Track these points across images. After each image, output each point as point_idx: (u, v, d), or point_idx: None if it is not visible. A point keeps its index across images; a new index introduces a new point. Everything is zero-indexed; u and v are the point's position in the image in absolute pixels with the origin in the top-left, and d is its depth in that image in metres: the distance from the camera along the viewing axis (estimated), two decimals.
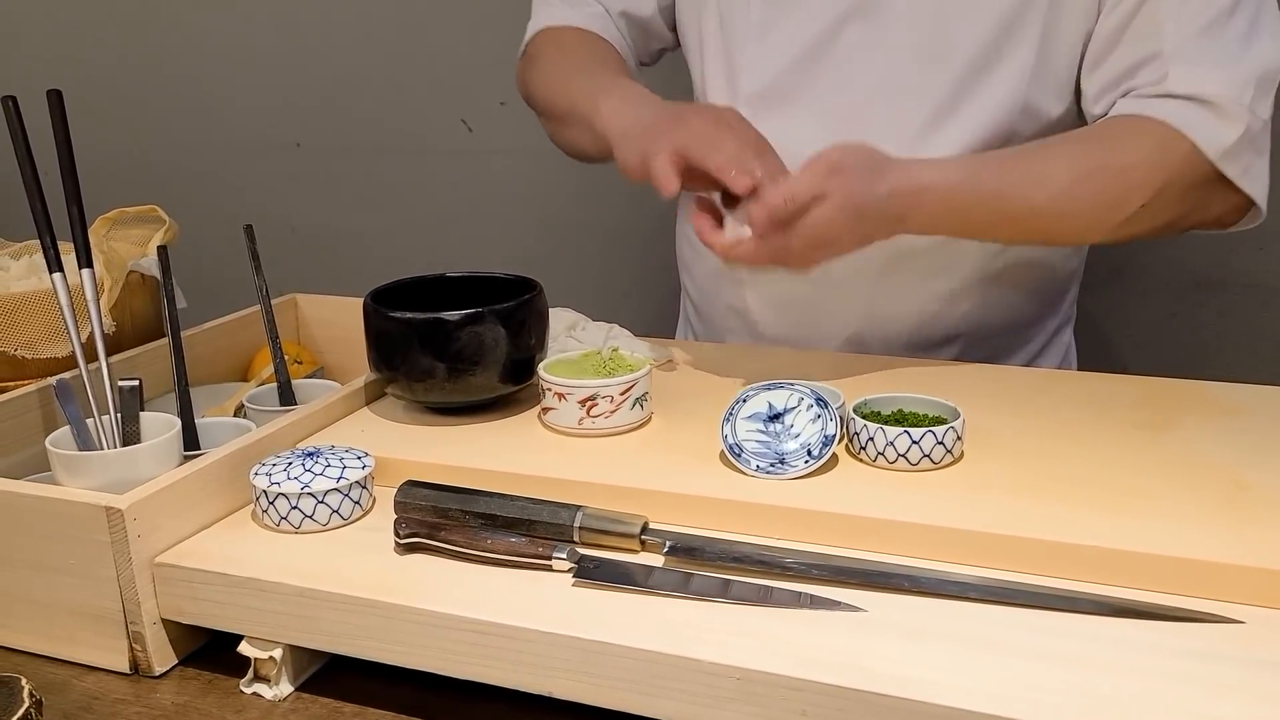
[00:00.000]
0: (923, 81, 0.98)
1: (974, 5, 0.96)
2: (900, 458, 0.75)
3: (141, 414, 0.84)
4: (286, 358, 1.05)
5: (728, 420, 0.78)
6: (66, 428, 0.81)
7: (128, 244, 1.08)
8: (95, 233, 1.04)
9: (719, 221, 0.88)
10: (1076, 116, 1.01)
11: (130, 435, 0.82)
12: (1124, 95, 0.94)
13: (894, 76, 0.99)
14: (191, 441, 0.87)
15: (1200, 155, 0.90)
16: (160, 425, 0.83)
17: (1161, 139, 0.91)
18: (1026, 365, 1.12)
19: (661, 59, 1.23)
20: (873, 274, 1.03)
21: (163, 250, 0.98)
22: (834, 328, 1.07)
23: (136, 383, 0.83)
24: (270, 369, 1.01)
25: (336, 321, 1.14)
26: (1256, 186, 0.93)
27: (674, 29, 1.17)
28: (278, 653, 0.68)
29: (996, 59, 0.96)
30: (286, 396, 0.96)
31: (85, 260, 0.88)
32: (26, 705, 0.62)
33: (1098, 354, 1.61)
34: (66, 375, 0.87)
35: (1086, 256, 1.18)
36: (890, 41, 0.99)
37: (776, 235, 0.84)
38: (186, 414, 0.89)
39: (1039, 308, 1.11)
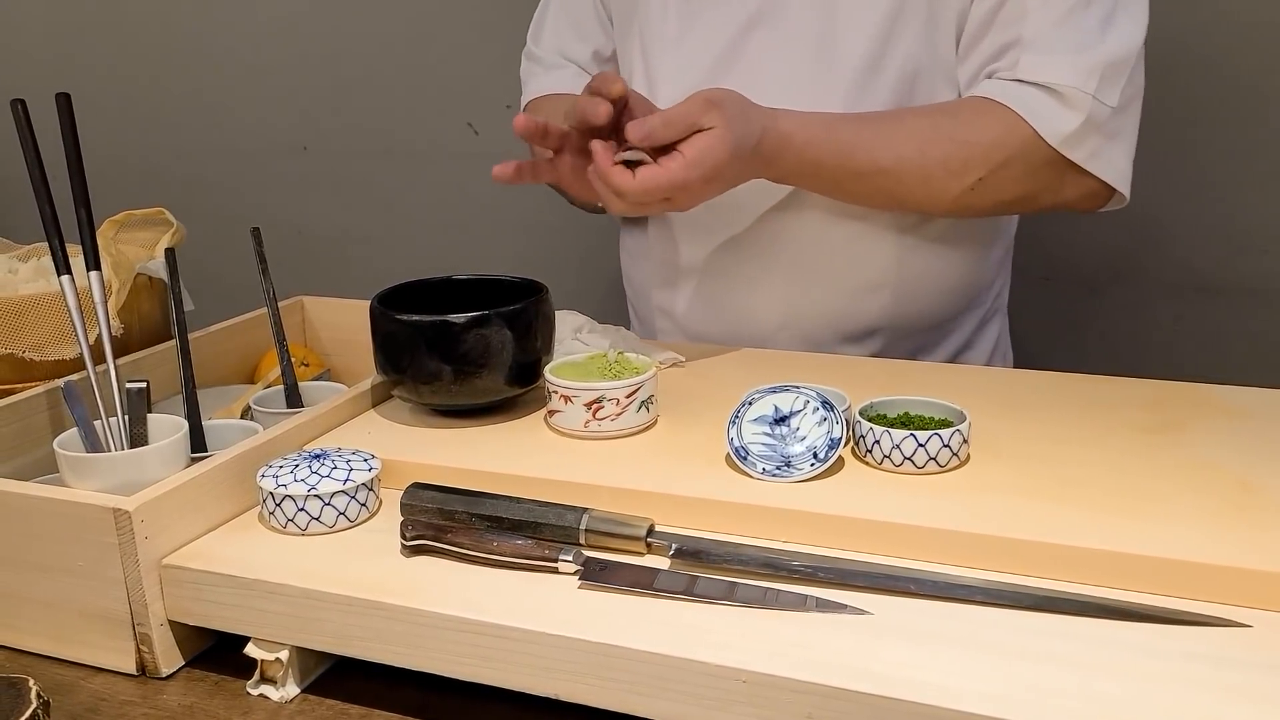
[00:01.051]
0: (822, 81, 1.03)
1: (859, 8, 1.01)
2: (906, 461, 0.75)
3: (149, 416, 0.84)
4: (293, 360, 1.05)
5: (733, 423, 0.78)
6: (74, 430, 0.82)
7: (135, 246, 1.08)
8: (103, 235, 1.05)
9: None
10: None
11: (138, 437, 0.83)
12: (986, 77, 1.00)
13: (796, 78, 1.04)
14: (199, 443, 0.88)
15: (1040, 139, 0.95)
16: (167, 427, 0.83)
17: (1005, 121, 0.96)
18: (953, 359, 1.15)
19: None
20: (789, 270, 1.08)
21: (170, 253, 0.98)
22: (757, 325, 1.11)
23: (144, 385, 0.83)
24: (277, 371, 1.01)
25: (343, 324, 1.14)
26: (1109, 170, 0.97)
27: None
28: (284, 654, 0.68)
29: (886, 53, 1.01)
30: (293, 399, 0.96)
31: (93, 263, 0.88)
32: (34, 706, 0.62)
33: (1103, 357, 1.61)
34: (74, 377, 0.88)
35: (1013, 250, 1.21)
36: (790, 45, 1.04)
37: (670, 165, 0.88)
38: (194, 416, 0.89)
39: (960, 301, 1.14)
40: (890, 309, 1.09)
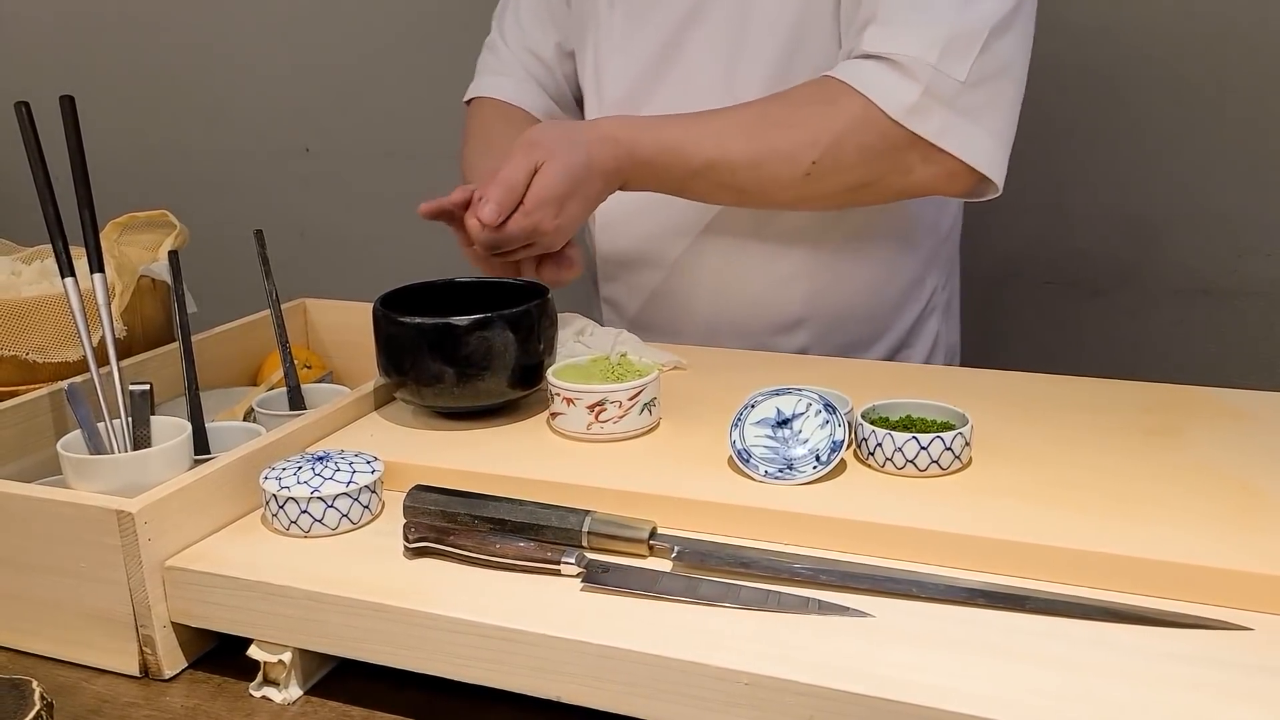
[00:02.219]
0: (746, 77, 1.05)
1: (771, 4, 1.02)
2: (909, 464, 0.75)
3: (152, 418, 0.84)
4: (296, 362, 1.05)
5: (736, 425, 0.78)
6: (78, 432, 0.82)
7: (139, 249, 1.08)
8: (106, 237, 1.05)
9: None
10: None
11: (141, 439, 0.83)
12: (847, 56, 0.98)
13: (720, 76, 1.06)
14: (202, 446, 0.88)
15: (877, 112, 0.92)
16: (171, 429, 0.83)
17: (834, 96, 0.94)
18: (891, 357, 1.14)
19: None
20: (714, 262, 1.11)
21: (174, 255, 0.98)
22: (690, 315, 1.14)
23: (147, 387, 0.83)
24: (280, 373, 1.01)
25: (346, 326, 1.14)
26: (968, 150, 0.93)
27: None
28: (287, 656, 0.68)
29: (801, 45, 1.03)
30: (296, 401, 0.96)
31: (97, 265, 0.89)
32: (37, 708, 0.62)
33: (1105, 360, 1.61)
34: (78, 379, 0.88)
35: (947, 243, 1.19)
36: (720, 42, 1.06)
37: (518, 213, 0.91)
38: (197, 418, 0.89)
39: (888, 297, 1.13)
40: (810, 299, 1.11)
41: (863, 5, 0.97)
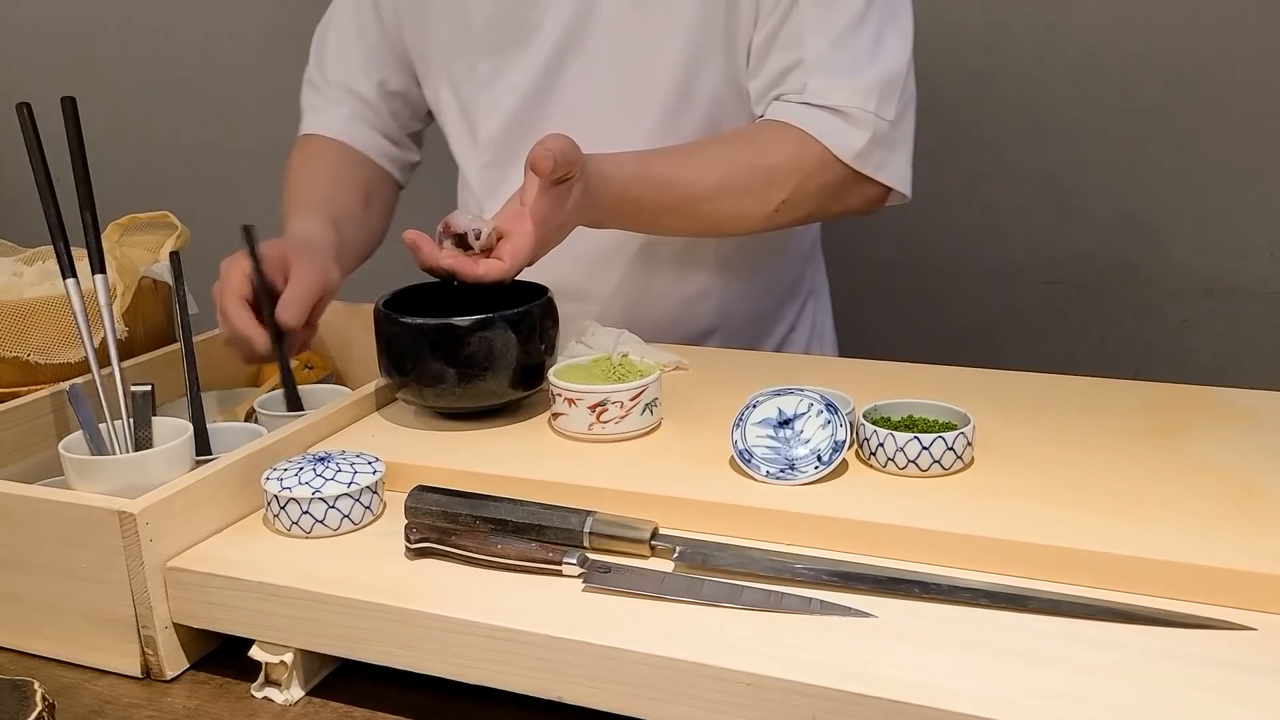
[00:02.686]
0: (635, 112, 1.08)
1: (658, 41, 1.05)
2: (910, 464, 0.75)
3: (154, 419, 0.84)
4: (297, 363, 1.05)
5: (738, 426, 0.78)
6: (79, 432, 0.82)
7: (140, 250, 1.08)
8: (108, 238, 1.05)
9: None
10: None
11: (142, 440, 0.83)
12: (775, 99, 1.05)
13: (612, 105, 1.08)
14: (203, 446, 0.88)
15: (833, 157, 1.02)
16: (172, 430, 0.83)
17: (800, 143, 1.02)
18: (779, 347, 1.22)
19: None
20: (628, 287, 1.14)
21: (175, 256, 0.98)
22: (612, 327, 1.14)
23: (149, 388, 0.83)
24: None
25: (348, 327, 1.14)
26: (894, 176, 1.06)
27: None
28: (288, 657, 0.68)
29: (693, 85, 1.06)
30: (293, 402, 0.96)
31: (98, 266, 0.89)
32: (39, 709, 0.62)
33: (1108, 361, 1.61)
34: (79, 380, 0.88)
35: (821, 239, 1.30)
36: (602, 73, 1.08)
37: (531, 228, 0.88)
38: (198, 419, 0.89)
39: (779, 294, 1.23)
40: (720, 310, 1.17)
41: (776, 51, 1.04)
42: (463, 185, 1.24)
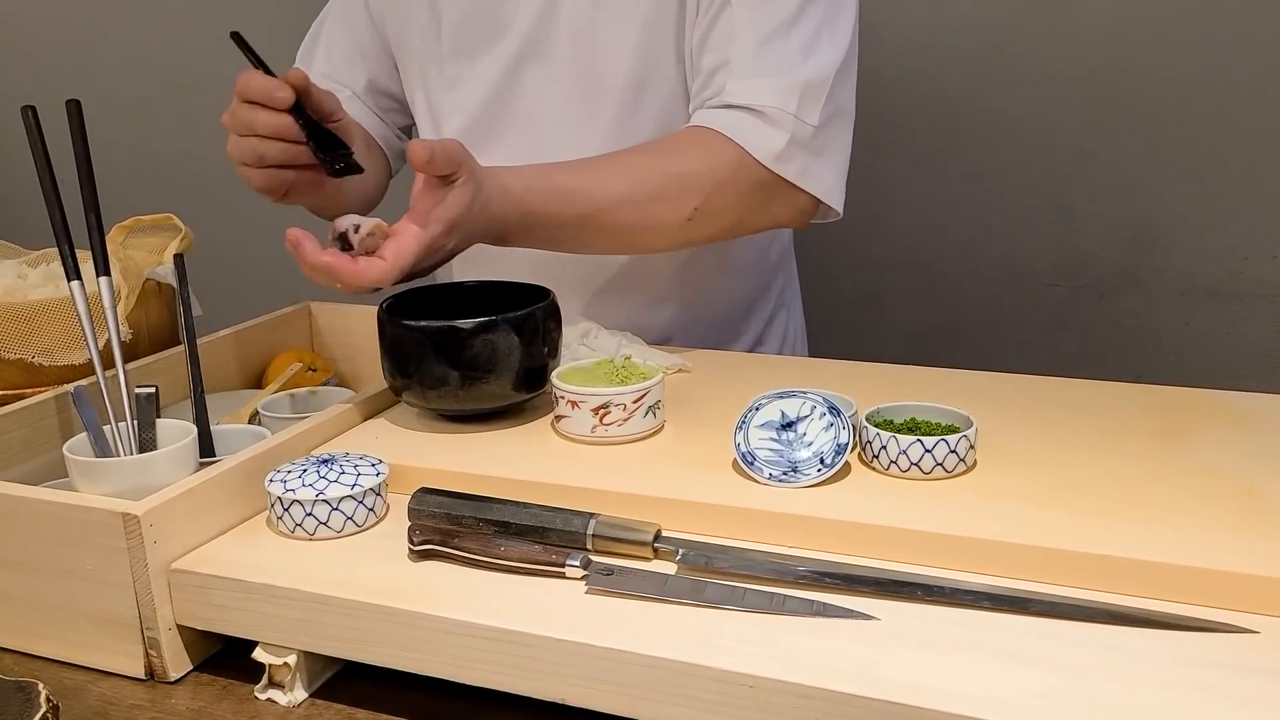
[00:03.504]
0: (590, 114, 1.07)
1: (615, 39, 1.04)
2: (913, 466, 0.75)
3: (158, 421, 0.84)
4: (301, 365, 1.05)
5: (740, 428, 0.78)
6: (84, 434, 0.82)
7: (144, 252, 1.09)
8: (112, 241, 1.05)
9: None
10: None
11: (147, 442, 0.83)
12: (701, 105, 1.02)
13: (567, 111, 1.08)
14: (207, 448, 0.88)
15: (751, 160, 0.98)
16: (176, 432, 0.83)
17: (713, 146, 0.99)
18: (749, 352, 1.21)
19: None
20: (583, 292, 1.13)
21: (179, 258, 0.98)
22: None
23: (153, 390, 0.83)
24: (286, 375, 1.01)
25: (351, 329, 1.14)
26: (820, 185, 1.01)
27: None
28: (292, 659, 0.68)
29: (645, 80, 1.05)
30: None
31: (103, 268, 0.89)
32: (43, 710, 0.62)
33: (1112, 363, 1.61)
34: (83, 382, 0.88)
35: (793, 245, 1.29)
36: (559, 80, 1.08)
37: (414, 227, 0.86)
38: (202, 421, 0.89)
39: (744, 304, 1.21)
40: (677, 318, 1.16)
41: (708, 53, 1.02)
42: None
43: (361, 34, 1.20)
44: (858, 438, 0.79)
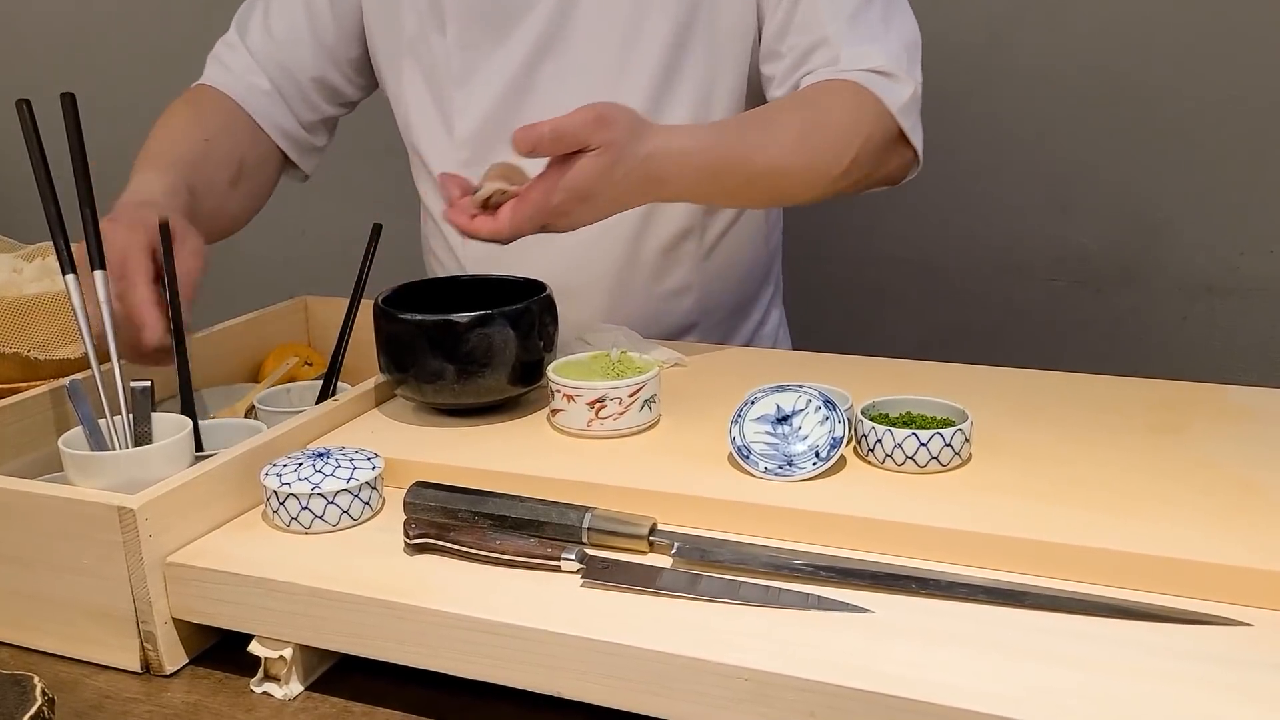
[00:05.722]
0: (618, 100, 1.05)
1: (644, 26, 1.05)
2: (908, 460, 0.75)
3: (154, 415, 0.84)
4: (297, 360, 1.05)
5: (736, 422, 0.78)
6: (79, 428, 0.82)
7: None
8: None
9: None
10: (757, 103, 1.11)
11: (142, 436, 0.83)
12: (804, 75, 1.05)
13: (593, 99, 1.04)
14: (197, 443, 0.88)
15: (887, 113, 1.02)
16: (172, 426, 0.83)
17: (860, 99, 1.02)
18: (750, 340, 1.25)
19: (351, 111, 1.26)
20: (607, 283, 1.14)
21: (169, 253, 0.98)
22: (580, 324, 1.12)
23: (148, 384, 0.83)
24: (282, 369, 1.01)
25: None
26: (920, 142, 1.06)
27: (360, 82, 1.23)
28: (288, 652, 0.68)
29: (676, 69, 1.07)
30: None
31: (98, 262, 0.89)
32: (39, 704, 0.62)
33: (1110, 358, 1.61)
34: (79, 376, 0.88)
35: (783, 236, 1.31)
36: (581, 70, 1.08)
37: (537, 192, 0.87)
38: (188, 413, 0.88)
39: (754, 286, 1.25)
40: (697, 307, 1.18)
41: (794, 34, 1.05)
42: (422, 179, 1.22)
43: (319, 17, 1.16)
44: (853, 431, 0.79)
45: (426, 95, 1.15)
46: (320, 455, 0.77)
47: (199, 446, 0.87)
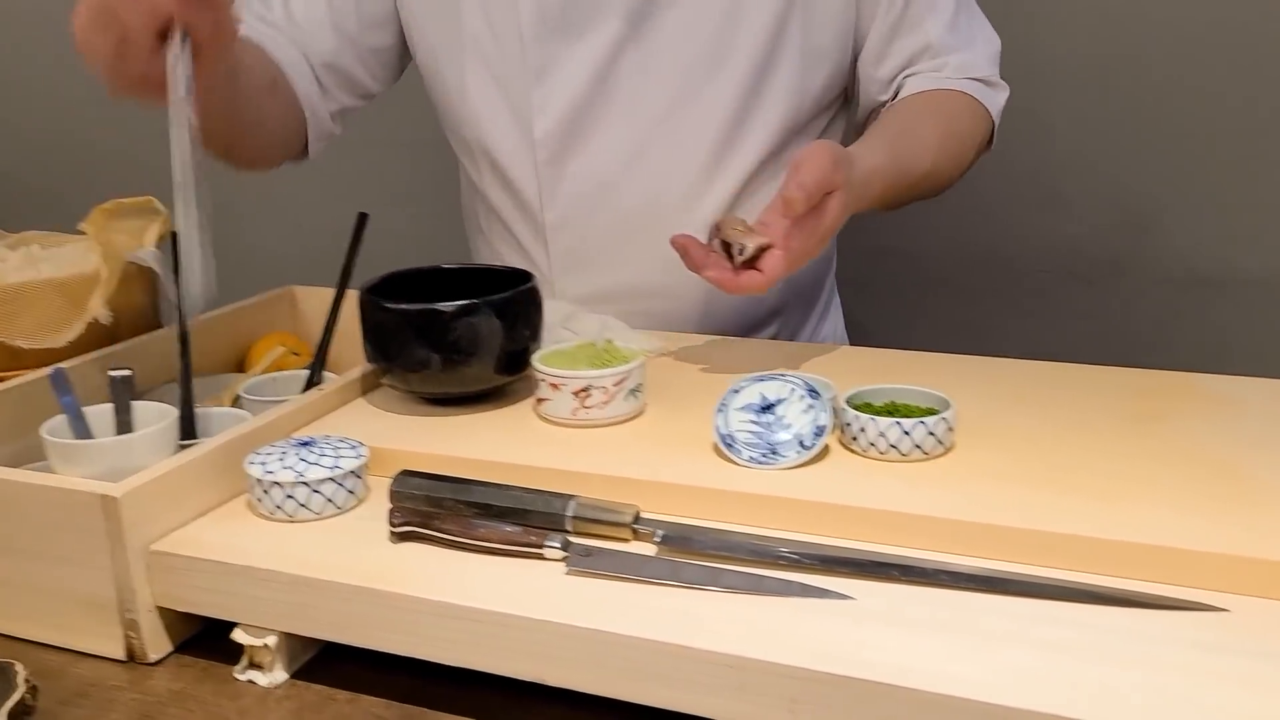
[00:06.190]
0: (708, 93, 1.07)
1: (743, 13, 1.05)
2: (891, 448, 0.76)
3: (139, 403, 0.84)
4: (284, 349, 1.05)
5: (721, 411, 0.78)
6: (62, 416, 0.82)
7: (125, 235, 1.08)
8: (93, 223, 1.05)
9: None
10: (839, 101, 1.16)
11: (123, 425, 0.83)
12: (908, 77, 1.11)
13: (681, 93, 1.07)
14: (191, 432, 0.87)
15: (989, 117, 1.12)
16: (156, 415, 0.83)
17: (972, 109, 1.10)
18: (817, 330, 1.25)
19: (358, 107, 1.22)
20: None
21: (173, 236, 0.97)
22: (675, 321, 1.12)
23: (129, 373, 0.83)
24: (269, 359, 1.01)
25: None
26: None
27: (380, 74, 1.19)
28: (272, 640, 0.68)
29: (772, 60, 1.06)
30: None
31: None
32: (22, 691, 0.62)
33: (1097, 349, 1.61)
34: (63, 365, 0.87)
35: None
36: (669, 60, 1.06)
37: (797, 241, 0.89)
38: (188, 405, 0.88)
39: (825, 269, 1.27)
40: (779, 300, 1.18)
41: (902, 38, 1.09)
42: (489, 179, 1.17)
43: (340, 2, 1.12)
44: (837, 420, 0.79)
45: (495, 93, 1.11)
46: (305, 444, 0.77)
47: (194, 435, 0.87)
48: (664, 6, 1.04)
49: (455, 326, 0.85)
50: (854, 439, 0.77)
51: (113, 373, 0.82)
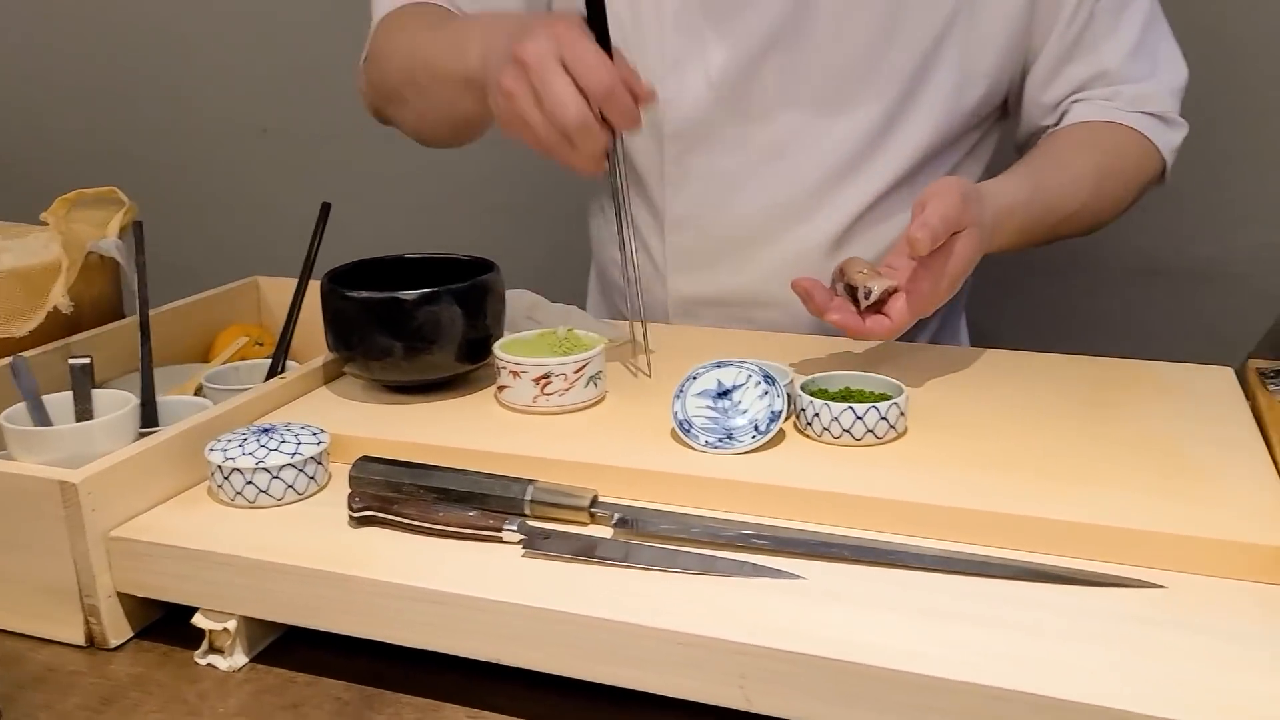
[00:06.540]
0: (851, 107, 1.02)
1: (903, 29, 1.00)
2: (845, 433, 0.77)
3: (99, 391, 0.84)
4: (248, 339, 1.05)
5: (678, 397, 0.80)
6: (22, 405, 0.82)
7: (87, 225, 1.08)
8: (54, 213, 1.04)
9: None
10: (995, 115, 1.10)
11: (82, 413, 0.83)
12: (1075, 102, 1.06)
13: (823, 103, 1.02)
14: (153, 420, 0.88)
15: (1160, 155, 1.05)
16: (116, 402, 0.83)
17: (1141, 147, 1.04)
18: (938, 332, 1.20)
19: None
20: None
21: (138, 226, 0.97)
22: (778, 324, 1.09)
23: (87, 361, 0.83)
24: (233, 349, 1.01)
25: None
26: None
27: None
28: (232, 624, 0.69)
29: (924, 78, 1.02)
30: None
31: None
32: None
33: (1060, 340, 1.64)
34: (24, 354, 0.87)
35: None
36: (815, 69, 1.01)
37: (926, 283, 0.84)
38: (149, 392, 0.89)
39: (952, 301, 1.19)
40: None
41: (1076, 63, 1.03)
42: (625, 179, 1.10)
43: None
44: (793, 406, 0.80)
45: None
46: (265, 431, 0.77)
47: (156, 423, 0.87)
48: (819, 8, 1.00)
49: (417, 315, 0.85)
50: (809, 424, 0.79)
51: (73, 361, 0.83)
